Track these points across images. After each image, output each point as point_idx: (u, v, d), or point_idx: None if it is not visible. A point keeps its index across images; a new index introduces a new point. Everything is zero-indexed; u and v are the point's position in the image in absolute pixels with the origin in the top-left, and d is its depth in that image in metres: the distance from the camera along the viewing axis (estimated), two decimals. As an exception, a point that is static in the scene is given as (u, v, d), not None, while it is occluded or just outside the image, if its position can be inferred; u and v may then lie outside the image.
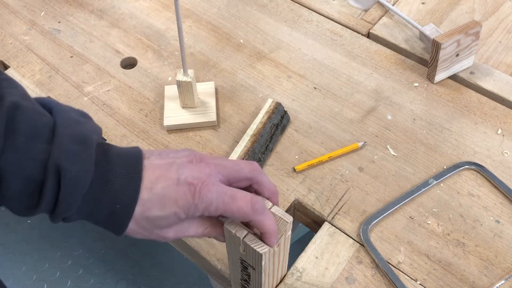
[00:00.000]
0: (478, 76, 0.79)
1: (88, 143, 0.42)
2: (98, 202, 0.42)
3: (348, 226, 0.64)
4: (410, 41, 0.84)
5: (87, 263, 1.43)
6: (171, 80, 0.80)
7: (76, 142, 0.41)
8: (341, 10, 0.90)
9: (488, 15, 0.89)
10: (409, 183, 0.68)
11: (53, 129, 0.41)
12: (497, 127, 0.74)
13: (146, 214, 0.44)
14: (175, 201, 0.44)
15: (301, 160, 0.70)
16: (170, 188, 0.44)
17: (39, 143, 0.40)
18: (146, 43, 0.85)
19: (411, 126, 0.74)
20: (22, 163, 0.39)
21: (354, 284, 0.59)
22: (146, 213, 0.44)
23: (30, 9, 0.91)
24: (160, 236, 0.46)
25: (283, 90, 0.79)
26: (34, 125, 0.40)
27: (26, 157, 0.39)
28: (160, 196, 0.44)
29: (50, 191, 0.40)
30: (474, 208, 0.66)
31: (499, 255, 0.62)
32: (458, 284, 0.59)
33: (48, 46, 0.85)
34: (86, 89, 0.79)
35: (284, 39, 0.86)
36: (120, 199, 0.43)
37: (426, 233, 0.63)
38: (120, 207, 0.43)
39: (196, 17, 0.89)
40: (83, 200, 0.41)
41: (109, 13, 0.90)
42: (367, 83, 0.79)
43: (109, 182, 0.42)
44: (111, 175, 0.42)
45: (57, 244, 1.46)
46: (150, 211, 0.44)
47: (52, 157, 0.40)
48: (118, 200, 0.43)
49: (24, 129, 0.40)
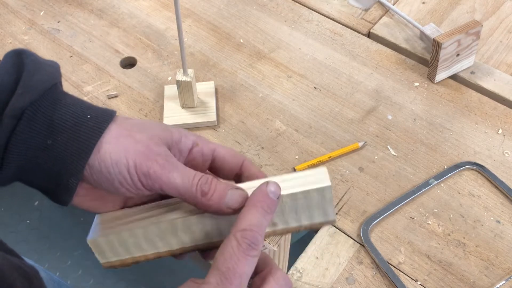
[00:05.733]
0: (478, 76, 0.79)
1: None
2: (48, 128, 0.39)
3: (348, 226, 0.64)
4: (410, 41, 0.84)
5: (86, 263, 1.42)
6: (170, 80, 0.80)
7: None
8: (341, 9, 0.90)
9: (489, 14, 0.88)
10: (409, 183, 0.68)
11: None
12: (498, 127, 0.73)
13: (125, 129, 0.41)
14: (157, 125, 0.43)
15: (301, 160, 0.70)
16: (147, 120, 0.42)
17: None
18: (146, 43, 0.85)
19: (412, 126, 0.74)
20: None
21: (355, 284, 0.59)
22: (125, 130, 0.41)
23: (30, 9, 0.91)
24: (148, 145, 0.41)
25: (283, 90, 0.78)
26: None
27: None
28: (137, 122, 0.42)
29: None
30: (475, 208, 0.65)
31: (500, 255, 0.61)
32: (459, 285, 0.59)
33: (47, 45, 0.85)
34: (85, 89, 0.79)
35: (284, 39, 0.85)
36: (92, 109, 0.40)
37: (426, 234, 0.63)
38: (92, 117, 0.40)
39: (196, 17, 0.89)
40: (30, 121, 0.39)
41: (109, 13, 0.90)
42: (367, 83, 0.79)
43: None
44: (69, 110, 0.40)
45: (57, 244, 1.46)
46: (131, 128, 0.41)
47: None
48: (89, 110, 0.40)
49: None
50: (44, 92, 0.40)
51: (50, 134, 0.39)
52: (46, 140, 0.39)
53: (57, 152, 0.39)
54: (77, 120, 0.40)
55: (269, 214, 0.38)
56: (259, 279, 0.40)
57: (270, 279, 0.39)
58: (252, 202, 0.38)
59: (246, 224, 0.37)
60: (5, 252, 0.40)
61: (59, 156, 0.39)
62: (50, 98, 0.40)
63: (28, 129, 0.38)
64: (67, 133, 0.39)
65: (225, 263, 0.36)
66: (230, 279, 0.35)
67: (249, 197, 0.39)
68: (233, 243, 0.36)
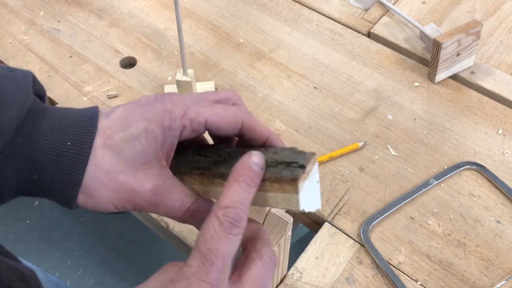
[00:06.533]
0: (479, 76, 0.78)
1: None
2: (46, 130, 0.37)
3: (348, 227, 0.64)
4: (410, 41, 0.84)
5: (86, 263, 1.42)
6: (170, 79, 0.80)
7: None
8: (341, 9, 0.90)
9: (489, 14, 0.88)
10: (409, 183, 0.68)
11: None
12: (498, 127, 0.73)
13: (109, 142, 0.38)
14: (142, 116, 0.38)
15: (301, 160, 0.70)
16: (131, 108, 0.39)
17: None
18: (146, 43, 0.85)
19: (412, 126, 0.74)
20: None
21: (355, 284, 0.59)
22: (109, 140, 0.38)
23: (30, 9, 0.91)
24: (133, 188, 0.39)
25: (283, 90, 0.78)
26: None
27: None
28: (120, 118, 0.38)
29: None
30: (475, 208, 0.65)
31: (500, 255, 0.61)
32: (459, 285, 0.59)
33: (47, 45, 0.85)
34: (85, 89, 0.79)
35: (284, 39, 0.85)
36: (72, 130, 0.38)
37: (426, 234, 0.63)
38: (73, 142, 0.37)
39: (196, 17, 0.89)
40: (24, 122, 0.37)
41: (109, 13, 0.90)
42: (367, 82, 0.79)
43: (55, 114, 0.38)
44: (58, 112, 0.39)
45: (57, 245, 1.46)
46: (113, 136, 0.38)
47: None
48: (69, 132, 0.38)
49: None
50: (16, 129, 0.37)
51: (33, 169, 0.38)
52: (32, 175, 0.38)
53: (46, 185, 0.38)
54: (57, 151, 0.38)
55: (253, 188, 0.36)
56: (243, 257, 0.37)
57: (254, 256, 0.37)
58: (234, 176, 0.36)
59: (227, 201, 0.35)
60: (2, 255, 0.39)
61: (49, 188, 0.38)
62: (25, 134, 0.38)
63: (10, 166, 0.37)
64: (51, 166, 0.38)
65: (206, 244, 0.34)
66: (211, 260, 0.33)
67: (232, 172, 0.37)
68: (214, 222, 0.34)
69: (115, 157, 0.38)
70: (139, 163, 0.39)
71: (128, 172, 0.39)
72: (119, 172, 0.39)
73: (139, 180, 0.39)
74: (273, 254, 0.38)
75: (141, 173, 0.39)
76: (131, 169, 0.39)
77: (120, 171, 0.39)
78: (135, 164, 0.39)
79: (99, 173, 0.38)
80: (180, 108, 0.39)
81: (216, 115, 0.40)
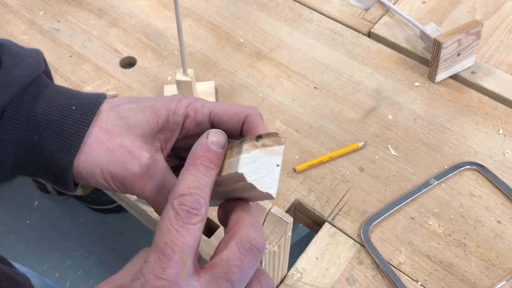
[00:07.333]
0: (479, 76, 0.78)
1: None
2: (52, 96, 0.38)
3: (348, 227, 0.64)
4: (411, 41, 0.84)
5: (86, 263, 1.42)
6: (170, 79, 0.80)
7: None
8: (341, 9, 0.90)
9: (490, 14, 0.88)
10: (410, 183, 0.68)
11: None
12: (498, 127, 0.73)
13: (115, 108, 0.39)
14: (151, 99, 0.40)
15: (302, 160, 0.70)
16: (137, 98, 0.40)
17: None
18: (146, 43, 0.85)
19: (412, 126, 0.74)
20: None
21: (355, 284, 0.59)
22: (115, 107, 0.39)
23: (29, 9, 0.91)
24: (130, 152, 0.39)
25: (283, 89, 0.78)
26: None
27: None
28: (130, 97, 0.41)
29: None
30: (475, 208, 0.65)
31: (501, 255, 0.61)
32: (459, 285, 0.59)
33: (47, 45, 0.85)
34: (85, 89, 0.79)
35: (284, 39, 0.85)
36: (78, 99, 0.39)
37: (427, 234, 0.63)
38: (78, 107, 0.38)
39: (196, 16, 0.89)
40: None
41: (108, 12, 0.90)
42: (367, 82, 0.79)
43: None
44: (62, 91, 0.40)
45: (57, 245, 1.46)
46: (121, 105, 0.39)
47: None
48: (75, 100, 0.39)
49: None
50: (24, 87, 0.38)
51: (35, 130, 0.38)
52: (32, 136, 0.38)
53: (44, 148, 0.38)
54: (62, 113, 0.38)
55: (213, 169, 0.33)
56: (223, 242, 0.34)
57: (232, 242, 0.33)
58: (191, 160, 0.33)
59: (182, 188, 0.32)
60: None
61: (47, 153, 0.38)
62: (31, 93, 0.39)
63: (12, 127, 0.38)
64: (53, 127, 0.38)
65: (163, 237, 0.31)
66: (168, 255, 0.31)
67: (188, 155, 0.34)
68: (170, 213, 0.31)
69: (118, 121, 0.39)
70: (139, 133, 0.39)
71: (127, 137, 0.39)
72: (119, 134, 0.39)
73: (136, 146, 0.39)
74: (257, 239, 0.33)
75: (138, 142, 0.40)
76: (130, 136, 0.39)
77: (120, 134, 0.39)
78: (135, 132, 0.39)
79: (99, 131, 0.39)
80: (188, 99, 0.40)
81: (219, 107, 0.40)
